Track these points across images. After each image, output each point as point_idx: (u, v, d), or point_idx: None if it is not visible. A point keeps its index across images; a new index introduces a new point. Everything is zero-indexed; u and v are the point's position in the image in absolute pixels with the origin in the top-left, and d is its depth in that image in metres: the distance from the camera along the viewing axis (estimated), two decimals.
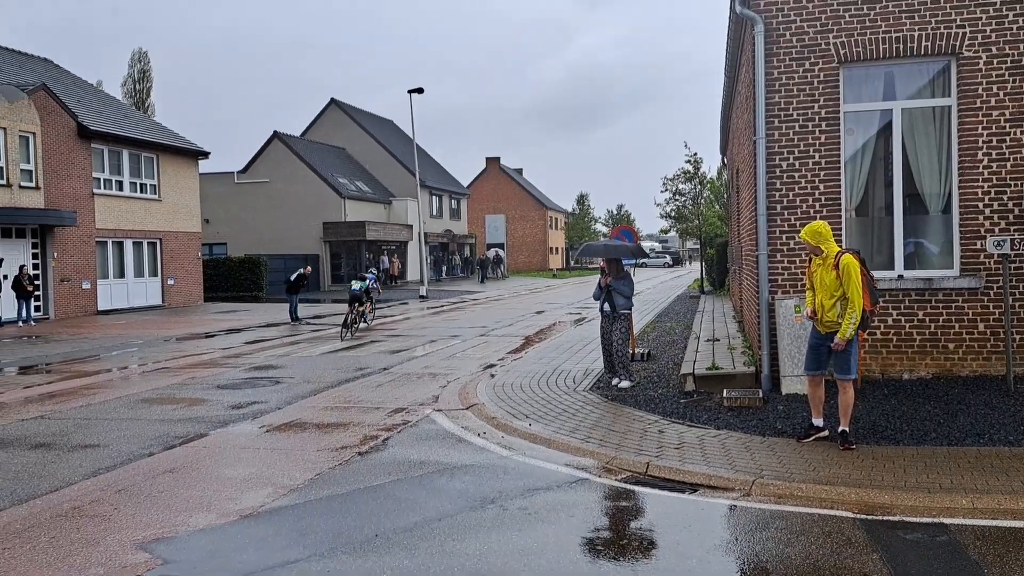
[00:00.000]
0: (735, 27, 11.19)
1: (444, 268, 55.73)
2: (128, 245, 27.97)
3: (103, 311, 26.38)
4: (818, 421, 7.03)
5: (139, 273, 28.55)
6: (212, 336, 19.07)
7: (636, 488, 6.19)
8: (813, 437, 6.99)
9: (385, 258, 45.87)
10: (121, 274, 27.74)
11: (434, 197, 53.91)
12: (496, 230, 77.14)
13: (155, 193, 29.10)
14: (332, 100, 52.26)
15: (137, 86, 54.53)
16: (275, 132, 43.88)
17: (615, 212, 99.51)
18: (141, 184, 28.58)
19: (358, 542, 5.06)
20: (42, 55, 31.25)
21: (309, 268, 24.36)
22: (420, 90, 34.13)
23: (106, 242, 27.00)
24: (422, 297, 33.57)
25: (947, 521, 5.15)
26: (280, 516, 5.63)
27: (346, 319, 18.14)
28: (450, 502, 5.84)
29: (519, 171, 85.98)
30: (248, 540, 5.17)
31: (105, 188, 26.91)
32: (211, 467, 7.04)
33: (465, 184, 66.82)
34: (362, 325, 19.47)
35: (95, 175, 26.40)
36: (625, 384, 9.96)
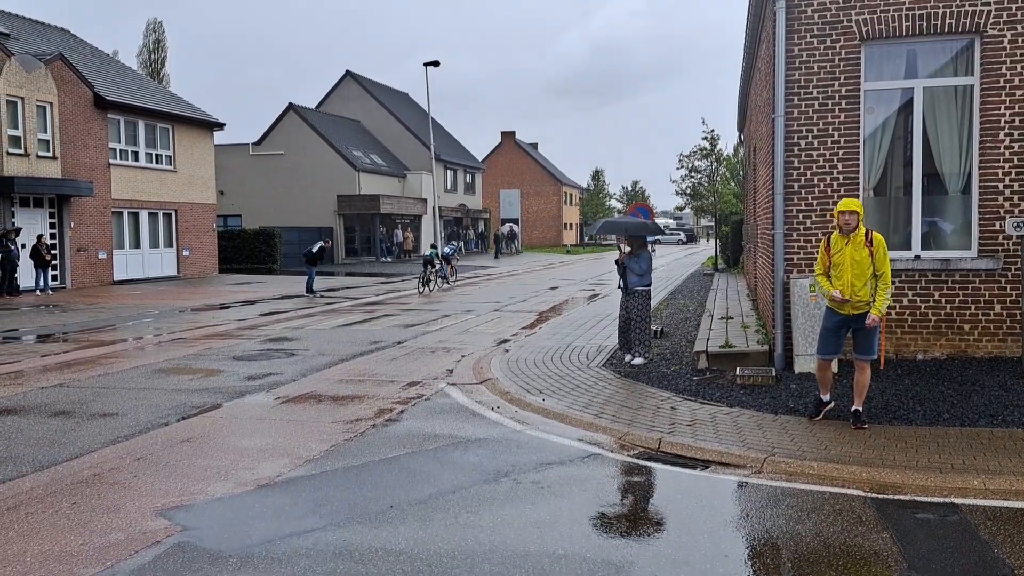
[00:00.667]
0: (756, 2, 11.04)
1: (460, 244, 55.80)
2: (144, 216, 28.14)
3: (119, 281, 26.62)
4: (826, 396, 7.07)
5: (154, 244, 28.75)
6: (227, 307, 19.23)
7: (648, 464, 6.24)
8: (823, 413, 7.01)
9: (399, 232, 45.94)
10: (137, 245, 27.94)
11: (449, 171, 53.81)
12: (510, 205, 76.99)
13: (170, 164, 29.20)
14: (347, 72, 52.05)
15: (152, 56, 54.52)
16: (290, 104, 43.83)
17: (630, 189, 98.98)
18: (156, 155, 28.68)
19: (373, 513, 5.14)
20: (59, 24, 31.27)
21: (329, 241, 24.63)
22: (436, 63, 33.93)
23: (122, 212, 27.17)
24: (436, 271, 33.60)
25: (958, 501, 5.17)
26: (296, 486, 5.72)
27: (420, 278, 23.12)
28: (464, 475, 5.91)
29: (534, 146, 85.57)
30: (265, 509, 5.27)
31: (121, 159, 27.04)
32: (227, 437, 7.15)
33: (480, 158, 66.60)
34: (444, 286, 24.93)
35: (111, 145, 26.51)
36: (638, 361, 9.99)
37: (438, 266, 24.26)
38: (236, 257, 34.65)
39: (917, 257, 9.10)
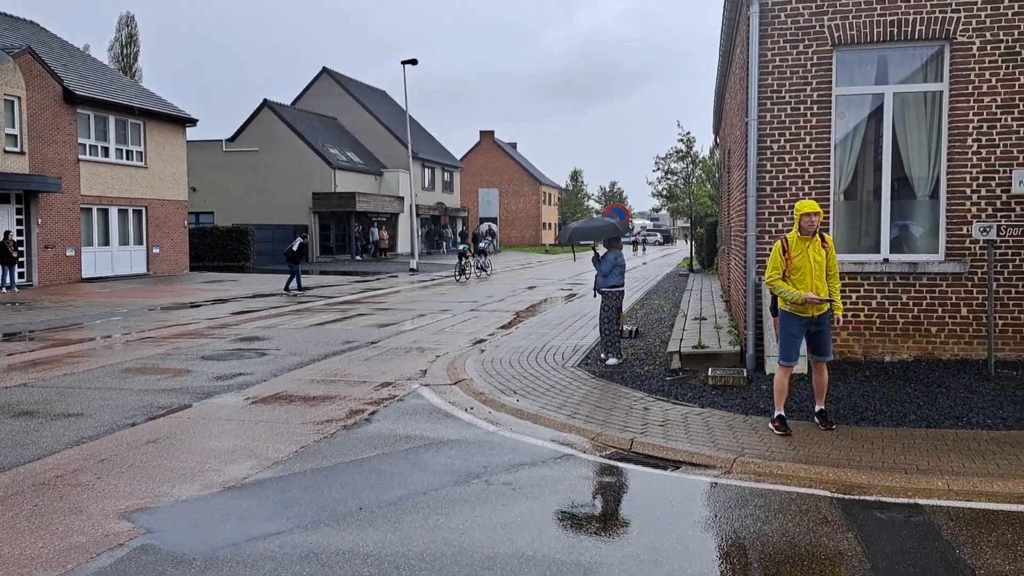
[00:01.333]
0: (731, 6, 11.12)
1: (444, 243, 55.88)
2: (113, 212, 27.74)
3: (87, 279, 26.21)
4: (782, 411, 6.78)
5: (124, 241, 28.35)
6: (197, 306, 19.01)
7: (620, 464, 6.25)
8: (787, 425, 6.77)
9: (375, 230, 45.71)
10: (106, 242, 27.54)
11: (426, 169, 53.65)
12: (489, 204, 76.85)
13: (141, 160, 28.81)
14: (324, 69, 51.70)
15: (124, 51, 53.76)
16: (265, 100, 43.45)
17: (608, 189, 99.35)
18: (127, 151, 28.29)
19: (342, 515, 5.10)
20: (29, 18, 30.71)
21: (307, 237, 24.74)
22: (414, 61, 33.82)
23: (91, 209, 26.76)
24: (412, 270, 33.52)
25: (922, 502, 5.24)
26: (264, 488, 5.65)
27: (456, 268, 27.70)
28: (435, 476, 5.88)
29: (513, 145, 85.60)
30: (231, 511, 5.20)
31: (91, 154, 26.63)
32: (194, 438, 7.05)
33: (459, 157, 66.48)
34: (482, 275, 29.15)
35: (81, 141, 26.10)
36: (612, 361, 10.03)
37: (471, 258, 28.90)
38: (208, 255, 34.28)
39: (886, 260, 9.21)
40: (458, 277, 27.51)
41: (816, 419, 6.91)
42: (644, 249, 64.45)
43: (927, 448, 6.21)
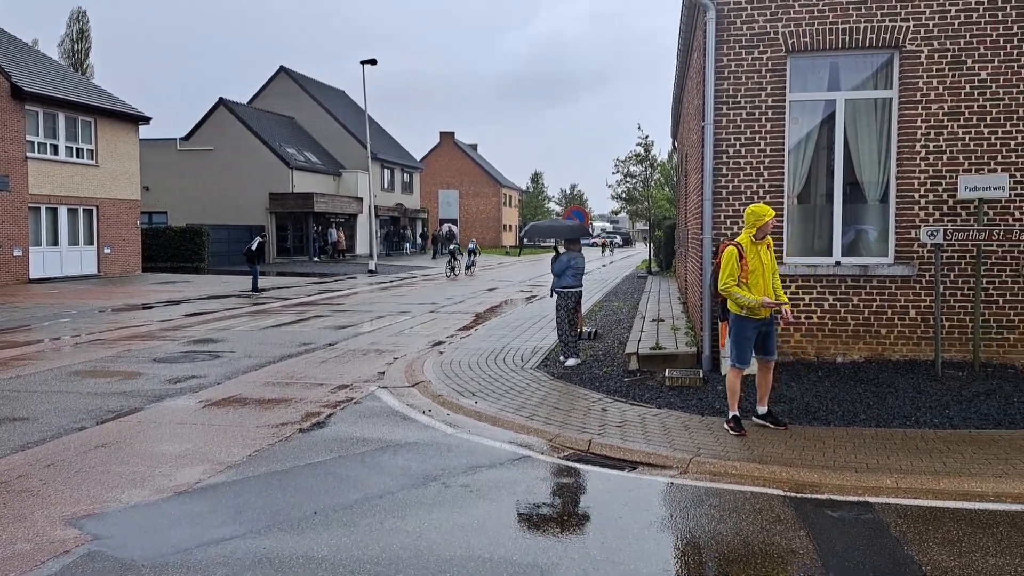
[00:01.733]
0: (688, 12, 11.25)
1: (407, 245, 55.71)
2: (63, 212, 27.03)
3: (35, 279, 25.49)
4: (737, 412, 6.89)
5: (74, 241, 27.64)
6: (150, 307, 18.61)
7: (578, 465, 6.27)
8: (741, 425, 6.87)
9: (333, 231, 45.27)
10: (55, 242, 26.82)
11: (386, 170, 53.31)
12: (449, 205, 76.76)
13: (92, 158, 28.12)
14: (281, 68, 51.06)
15: (75, 47, 52.51)
16: (220, 99, 42.76)
17: (569, 191, 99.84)
18: (78, 149, 27.59)
19: (296, 519, 5.03)
20: None
21: (266, 235, 24.46)
22: (373, 61, 33.59)
23: (39, 208, 26.04)
24: (371, 272, 33.27)
25: (872, 500, 5.35)
26: (216, 493, 5.55)
27: (447, 266, 31.29)
28: (392, 479, 5.83)
29: (474, 147, 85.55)
30: (182, 517, 5.09)
31: (39, 152, 25.91)
32: (145, 442, 6.89)
33: (419, 158, 66.20)
34: (469, 273, 32.50)
35: (29, 138, 25.38)
36: (570, 362, 10.07)
37: (463, 258, 33.15)
38: (161, 256, 33.61)
39: (838, 263, 9.40)
40: (448, 274, 30.95)
41: (764, 420, 6.98)
42: (611, 251, 65.34)
43: (877, 447, 6.35)
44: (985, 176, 8.74)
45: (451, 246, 32.41)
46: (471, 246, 35.03)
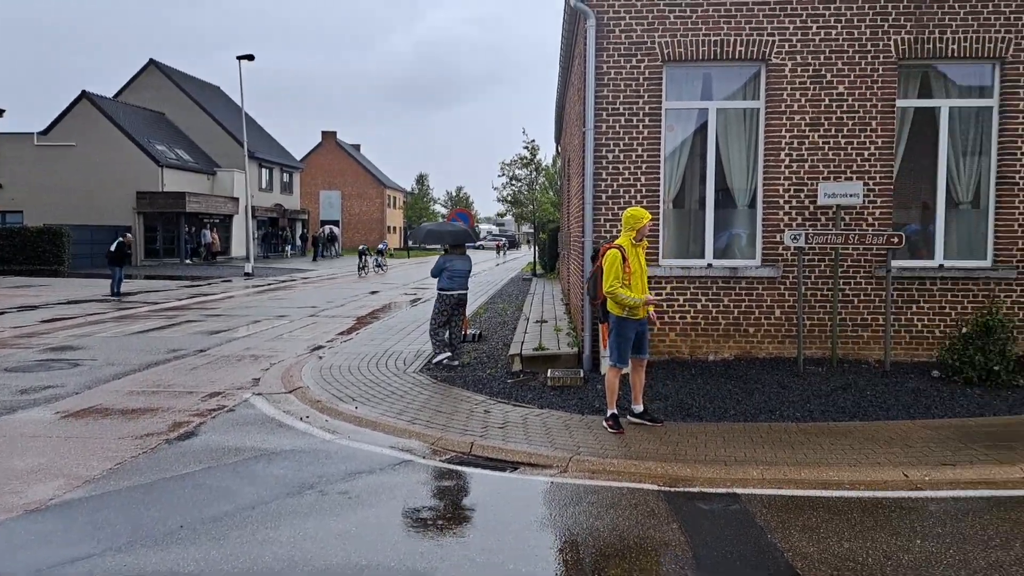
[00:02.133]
0: (570, 19, 11.45)
1: (288, 247, 54.12)
2: None
3: None
4: (615, 409, 7.06)
5: None
6: (1, 314, 17.20)
7: (460, 468, 6.24)
8: (621, 424, 7.04)
9: (207, 232, 43.37)
10: None
11: (264, 169, 51.56)
12: (331, 206, 75.12)
13: None
14: (151, 61, 48.45)
15: None
16: (83, 92, 40.12)
17: (455, 194, 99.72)
18: None
19: (161, 534, 4.75)
20: None
21: (129, 236, 22.98)
22: (251, 57, 32.44)
23: None
24: (247, 274, 32.07)
25: (739, 491, 5.59)
26: (72, 509, 5.17)
27: (359, 266, 33.71)
28: (266, 489, 5.61)
29: (357, 147, 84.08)
30: (33, 536, 4.71)
31: None
32: None
33: (299, 158, 64.41)
34: (380, 272, 35.15)
35: None
36: (440, 358, 10.13)
37: (372, 258, 35.94)
38: (15, 258, 31.19)
39: (710, 265, 9.81)
40: (360, 274, 33.10)
41: (640, 418, 7.18)
42: (505, 253, 66.28)
43: (745, 441, 6.65)
44: (842, 184, 9.33)
45: (361, 246, 35.72)
46: (381, 247, 38.83)
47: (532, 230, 38.64)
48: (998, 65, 9.50)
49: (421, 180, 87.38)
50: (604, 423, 7.07)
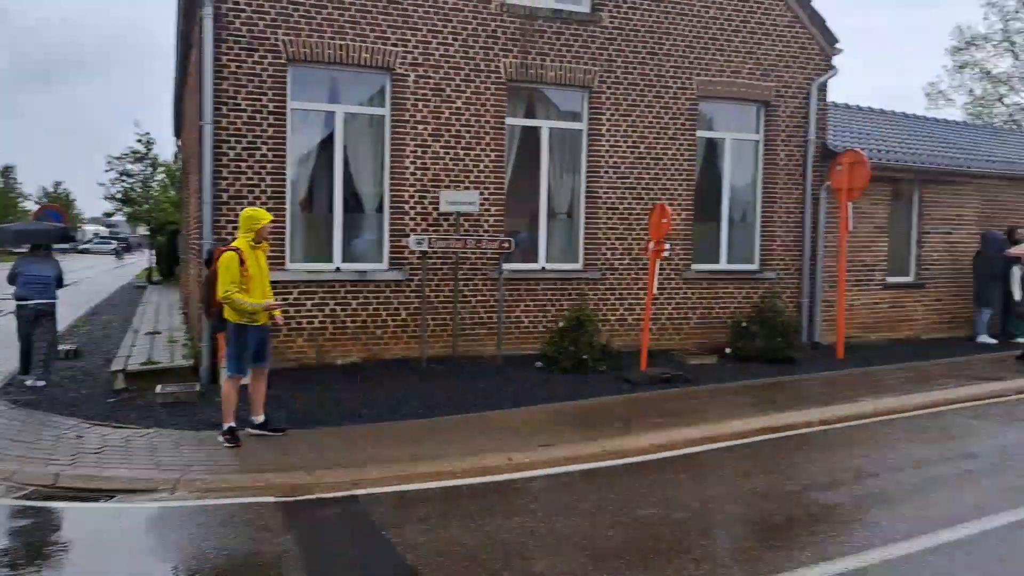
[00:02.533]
0: (187, 4, 10.58)
1: None
2: None
3: None
4: (235, 422, 6.65)
5: None
6: None
7: (42, 504, 5.37)
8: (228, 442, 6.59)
9: None
10: None
11: None
12: None
13: None
14: None
15: None
16: None
17: (52, 190, 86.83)
18: None
19: None
20: None
21: None
22: None
23: None
24: None
25: (358, 492, 5.58)
26: None
27: None
28: None
29: None
30: None
31: None
32: None
33: None
34: None
35: None
36: (30, 382, 8.72)
37: None
38: None
39: (338, 269, 9.75)
40: None
41: (261, 429, 6.84)
42: (123, 257, 59.34)
43: (369, 442, 6.68)
44: (461, 192, 9.93)
45: None
46: None
47: (148, 232, 35.02)
48: (587, 94, 10.91)
49: (6, 172, 74.94)
50: (220, 437, 6.58)
